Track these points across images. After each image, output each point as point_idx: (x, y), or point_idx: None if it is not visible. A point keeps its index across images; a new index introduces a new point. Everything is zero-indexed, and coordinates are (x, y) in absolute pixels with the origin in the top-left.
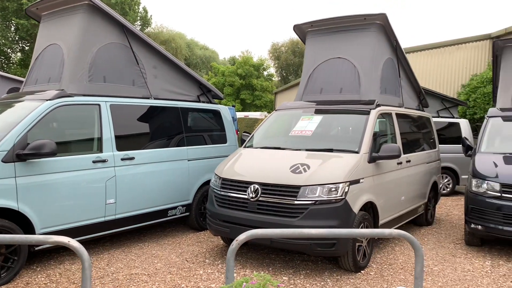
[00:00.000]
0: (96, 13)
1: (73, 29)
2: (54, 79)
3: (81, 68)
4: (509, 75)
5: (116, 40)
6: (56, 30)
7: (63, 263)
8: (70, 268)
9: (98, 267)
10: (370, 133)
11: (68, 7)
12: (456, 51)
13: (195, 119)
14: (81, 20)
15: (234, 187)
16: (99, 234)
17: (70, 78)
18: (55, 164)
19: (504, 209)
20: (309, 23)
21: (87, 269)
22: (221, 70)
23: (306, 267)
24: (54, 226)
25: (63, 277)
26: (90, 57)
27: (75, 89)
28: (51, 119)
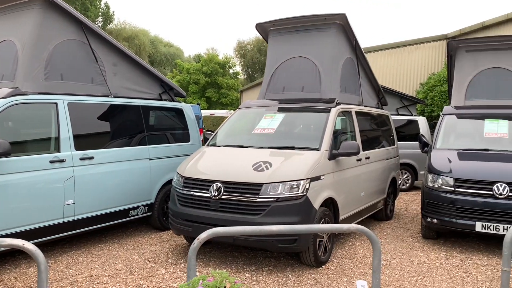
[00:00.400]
0: (52, 8)
1: (28, 25)
2: (7, 76)
3: (37, 65)
4: (462, 74)
5: (74, 37)
6: (9, 26)
7: (19, 266)
8: (26, 272)
9: (56, 270)
10: (331, 131)
11: (22, 2)
12: (415, 50)
13: (157, 118)
14: (36, 15)
15: (196, 186)
16: (58, 236)
17: (24, 76)
18: (9, 165)
19: (458, 203)
20: (271, 22)
21: (43, 272)
22: (186, 67)
23: (268, 263)
24: (9, 228)
25: (19, 281)
26: (46, 54)
27: (30, 87)
28: (5, 118)
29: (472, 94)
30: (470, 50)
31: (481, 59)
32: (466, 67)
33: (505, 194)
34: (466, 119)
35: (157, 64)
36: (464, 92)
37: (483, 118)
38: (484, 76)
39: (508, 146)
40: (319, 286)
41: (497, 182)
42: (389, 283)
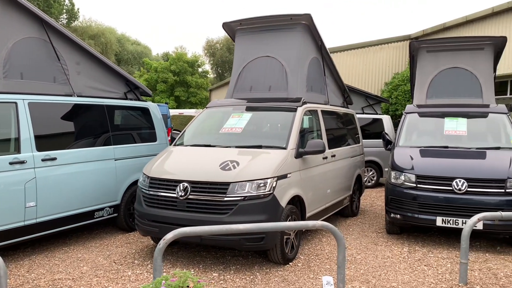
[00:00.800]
0: (10, 5)
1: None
2: None
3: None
4: (423, 74)
5: (34, 34)
6: None
7: None
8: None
9: (17, 275)
10: (297, 130)
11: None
12: (380, 51)
13: (122, 117)
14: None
15: (163, 186)
16: (19, 240)
17: None
18: None
19: (419, 199)
20: (238, 21)
21: (2, 277)
22: (154, 66)
23: (236, 262)
24: None
25: None
26: (4, 52)
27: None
28: None
29: (433, 93)
30: (431, 51)
31: (441, 59)
32: (427, 67)
33: (463, 189)
34: (427, 118)
35: (124, 63)
36: (426, 91)
37: (443, 116)
38: (444, 75)
39: (466, 143)
40: (286, 283)
41: (456, 178)
42: (354, 278)
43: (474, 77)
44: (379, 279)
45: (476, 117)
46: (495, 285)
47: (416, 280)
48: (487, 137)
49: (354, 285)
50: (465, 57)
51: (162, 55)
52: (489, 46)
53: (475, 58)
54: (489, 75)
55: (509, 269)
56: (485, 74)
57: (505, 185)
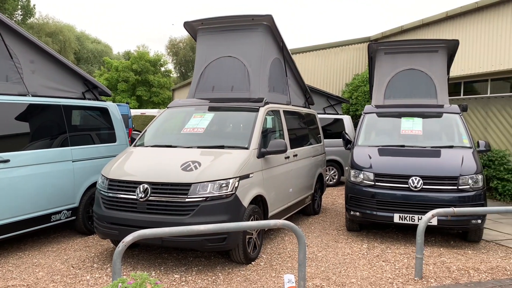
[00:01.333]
0: None
1: None
2: None
3: None
4: (381, 75)
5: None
6: None
7: None
8: None
9: None
10: (259, 130)
11: None
12: (341, 52)
13: (80, 117)
14: None
15: (122, 188)
16: None
17: None
18: None
19: (378, 196)
20: (200, 20)
21: None
22: (115, 65)
23: (198, 263)
24: None
25: None
26: None
27: None
28: None
29: (391, 93)
30: (388, 53)
31: (398, 61)
32: (385, 68)
33: (419, 187)
34: (385, 118)
35: (84, 62)
36: (383, 92)
37: (400, 117)
38: (401, 77)
39: (422, 142)
40: (248, 282)
41: (412, 176)
42: (315, 275)
43: (429, 78)
44: (339, 276)
45: (431, 117)
46: (448, 278)
47: (374, 275)
48: (441, 136)
49: (315, 282)
50: (420, 59)
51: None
52: (443, 48)
53: (430, 60)
54: (443, 76)
55: (461, 262)
56: (439, 76)
57: (458, 182)
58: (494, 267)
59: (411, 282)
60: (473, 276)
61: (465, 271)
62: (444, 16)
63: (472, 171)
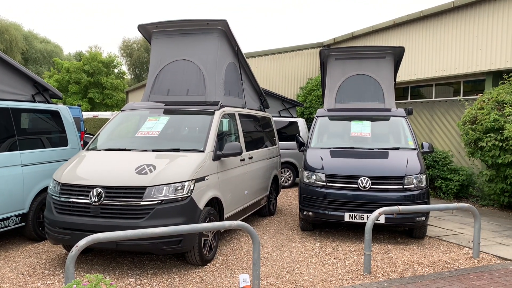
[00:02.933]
0: None
1: None
2: None
3: None
4: (332, 79)
5: None
6: None
7: None
8: None
9: None
10: (215, 133)
11: None
12: (295, 56)
13: (30, 121)
14: None
15: (75, 192)
16: None
17: None
18: None
19: (329, 196)
20: (154, 23)
21: None
22: (65, 66)
23: (154, 266)
24: None
25: None
26: None
27: None
28: None
29: (341, 97)
30: (339, 58)
31: (348, 66)
32: (336, 73)
33: (368, 186)
34: (336, 121)
35: (32, 62)
36: (335, 96)
37: (350, 120)
38: (351, 81)
39: (370, 144)
40: (204, 283)
41: (361, 176)
42: (269, 274)
43: (377, 83)
44: (293, 274)
45: (378, 120)
46: (394, 273)
47: (326, 272)
48: (388, 138)
49: (269, 281)
50: (369, 64)
51: (74, 55)
52: (389, 55)
53: (378, 65)
54: (390, 81)
55: (406, 258)
56: (386, 80)
57: (403, 182)
58: (436, 261)
59: (360, 277)
60: (417, 270)
61: (410, 265)
62: (392, 24)
63: (417, 171)
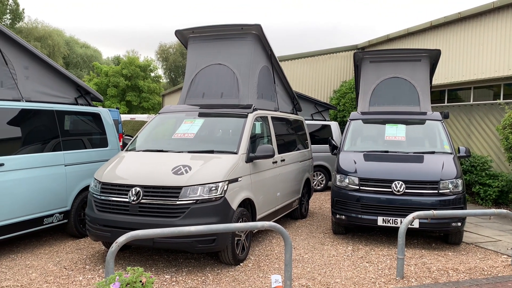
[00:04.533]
0: None
1: None
2: None
3: None
4: (367, 83)
5: None
6: None
7: None
8: None
9: None
10: (248, 135)
11: None
12: (329, 59)
13: (73, 123)
14: None
15: (115, 191)
16: None
17: None
18: None
19: (362, 200)
20: (191, 29)
21: None
22: (104, 70)
23: (188, 264)
24: None
25: None
26: None
27: None
28: None
29: (376, 100)
30: (373, 61)
31: (383, 69)
32: (370, 76)
33: (402, 190)
34: (369, 124)
35: (73, 66)
36: (369, 99)
37: (384, 123)
38: (385, 84)
39: (405, 148)
40: (236, 282)
41: (395, 180)
42: (301, 275)
43: (412, 86)
44: (324, 276)
45: (413, 124)
46: (428, 278)
47: (358, 276)
48: (424, 142)
49: (301, 282)
50: (404, 67)
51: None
52: (425, 58)
53: (413, 68)
54: (425, 84)
55: (441, 263)
56: (422, 84)
57: (438, 186)
58: (472, 267)
59: (393, 281)
60: (452, 276)
61: (445, 271)
62: (429, 26)
63: (452, 175)
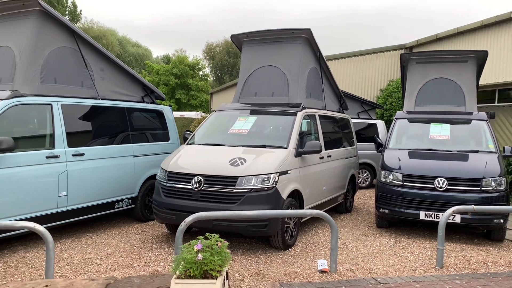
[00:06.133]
0: (47, 18)
1: (25, 33)
2: (6, 79)
3: (33, 70)
4: (413, 83)
5: (67, 44)
6: (5, 33)
7: (17, 252)
8: (25, 256)
9: None
10: (297, 132)
11: (18, 12)
12: (376, 59)
13: (140, 119)
14: (33, 25)
15: (179, 179)
16: (52, 225)
17: (22, 79)
18: (11, 159)
19: (405, 195)
20: (245, 34)
21: (51, 250)
22: (156, 68)
23: (242, 247)
24: (11, 216)
25: (20, 263)
26: (42, 59)
27: (27, 89)
28: (7, 117)
29: (421, 100)
30: (419, 62)
31: (429, 70)
32: (416, 77)
33: (444, 187)
34: (415, 123)
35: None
36: (414, 99)
37: (429, 122)
38: (431, 85)
39: (449, 146)
40: (286, 264)
41: (438, 177)
42: (345, 261)
43: (458, 86)
44: (367, 263)
45: (458, 123)
46: (467, 269)
47: (399, 264)
48: (468, 141)
49: (345, 266)
50: (450, 68)
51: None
52: (472, 59)
53: (459, 69)
54: (472, 85)
55: (481, 257)
56: (468, 84)
57: (481, 184)
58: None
59: (432, 270)
60: (490, 268)
61: (484, 263)
62: (479, 25)
63: (496, 174)
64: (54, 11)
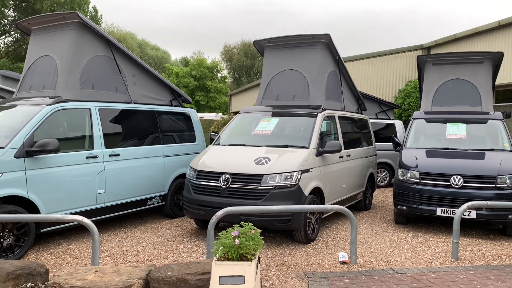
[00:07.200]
0: (85, 29)
1: (65, 43)
2: (48, 86)
3: (73, 77)
4: (429, 84)
5: (102, 52)
6: (48, 43)
7: (61, 244)
8: (69, 248)
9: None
10: (318, 132)
11: (59, 24)
12: (394, 59)
13: (169, 121)
14: (72, 35)
15: (208, 177)
16: (92, 220)
17: (64, 86)
18: (56, 159)
19: (422, 192)
20: (267, 39)
21: (96, 241)
22: (175, 71)
23: (267, 241)
24: (56, 211)
25: (66, 253)
26: (80, 67)
27: (68, 95)
28: (51, 121)
29: (438, 101)
30: (436, 64)
31: (445, 71)
32: (433, 78)
33: (460, 184)
34: (432, 123)
35: None
36: (431, 99)
37: (446, 122)
38: (448, 86)
39: (465, 145)
40: (308, 256)
41: (453, 174)
42: (364, 254)
43: (474, 87)
44: (386, 255)
45: (474, 123)
46: (481, 261)
47: (416, 256)
48: (484, 140)
49: (364, 259)
50: (466, 69)
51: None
52: (488, 60)
53: (475, 70)
54: (487, 85)
55: (496, 251)
56: (484, 85)
57: (496, 181)
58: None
59: (448, 262)
60: (504, 260)
61: (498, 256)
62: (497, 25)
63: (510, 171)
64: (92, 22)
